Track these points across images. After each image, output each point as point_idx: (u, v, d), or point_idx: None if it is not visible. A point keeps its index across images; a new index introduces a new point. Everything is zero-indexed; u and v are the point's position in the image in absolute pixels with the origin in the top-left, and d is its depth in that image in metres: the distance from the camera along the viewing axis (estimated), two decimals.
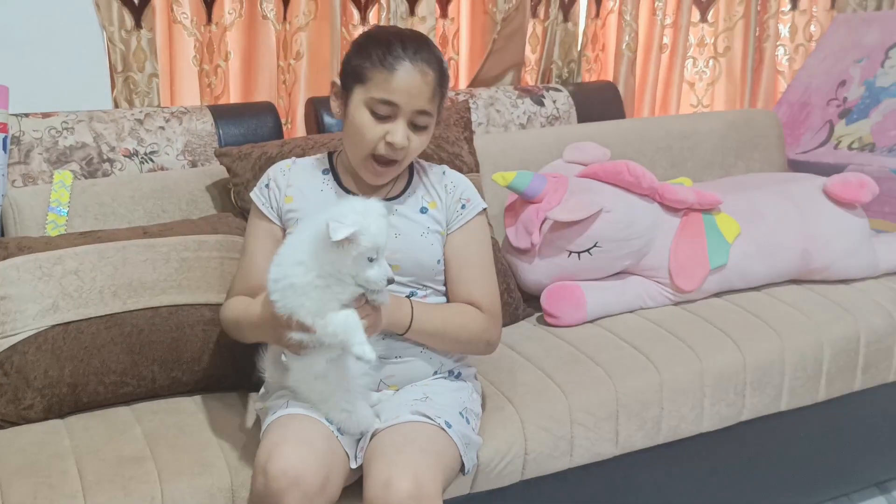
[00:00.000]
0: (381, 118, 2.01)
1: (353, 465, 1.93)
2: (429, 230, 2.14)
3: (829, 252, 2.91)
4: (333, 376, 1.90)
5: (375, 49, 2.01)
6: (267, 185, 2.19)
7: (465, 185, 2.22)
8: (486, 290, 2.17)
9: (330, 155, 2.24)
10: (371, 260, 1.81)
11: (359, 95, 2.03)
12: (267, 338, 2.00)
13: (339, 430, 1.93)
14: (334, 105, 2.13)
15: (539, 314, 2.78)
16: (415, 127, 2.04)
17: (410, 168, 2.20)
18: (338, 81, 2.11)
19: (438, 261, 2.15)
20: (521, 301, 2.81)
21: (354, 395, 1.93)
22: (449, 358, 2.17)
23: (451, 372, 2.17)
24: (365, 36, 2.11)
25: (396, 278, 2.01)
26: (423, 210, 2.16)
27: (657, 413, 2.44)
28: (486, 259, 2.21)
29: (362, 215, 1.80)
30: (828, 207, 2.95)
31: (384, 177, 2.10)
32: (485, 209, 2.23)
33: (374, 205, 1.85)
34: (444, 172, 2.23)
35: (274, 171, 2.21)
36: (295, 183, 2.17)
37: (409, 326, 2.04)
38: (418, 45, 2.02)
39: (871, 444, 2.91)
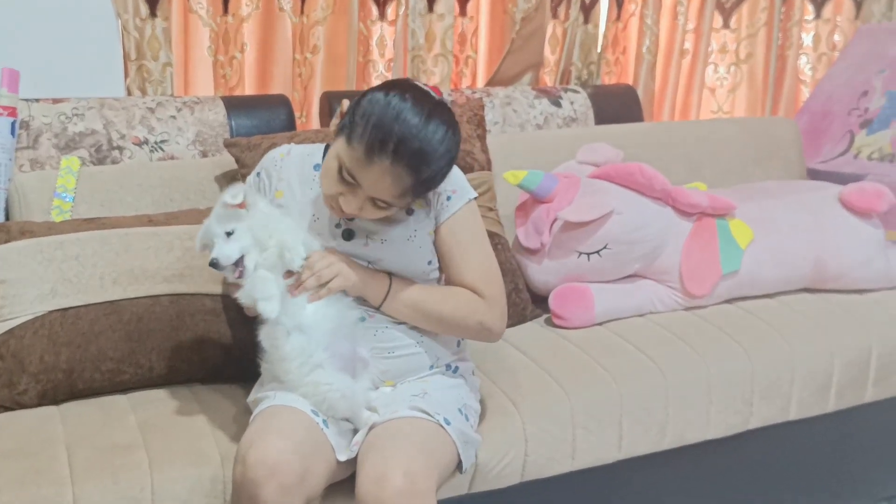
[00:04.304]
0: (344, 179, 1.91)
1: (342, 458, 1.90)
2: (416, 232, 2.07)
3: (843, 261, 2.86)
4: (296, 342, 1.92)
5: (375, 121, 1.84)
6: (258, 174, 2.15)
7: (452, 176, 2.08)
8: (479, 273, 2.09)
9: (326, 148, 2.14)
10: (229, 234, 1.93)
11: (338, 147, 1.92)
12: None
13: (325, 422, 1.90)
14: (333, 123, 2.07)
15: (547, 315, 2.75)
16: (375, 203, 1.92)
17: None
18: (346, 105, 2.03)
19: (429, 262, 2.10)
20: (530, 302, 2.78)
21: (329, 368, 1.93)
22: (445, 352, 2.13)
23: (448, 366, 2.13)
24: (388, 88, 1.90)
25: None
26: (409, 211, 2.08)
27: (662, 418, 2.40)
28: (479, 244, 2.13)
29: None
30: (843, 216, 2.91)
31: (340, 216, 2.02)
32: (474, 198, 2.13)
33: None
34: None
35: (268, 161, 2.15)
36: (286, 177, 2.11)
37: (386, 294, 2.01)
38: (416, 141, 1.84)
39: (880, 458, 2.86)
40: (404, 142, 1.83)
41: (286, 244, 1.93)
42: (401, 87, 1.91)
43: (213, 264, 1.90)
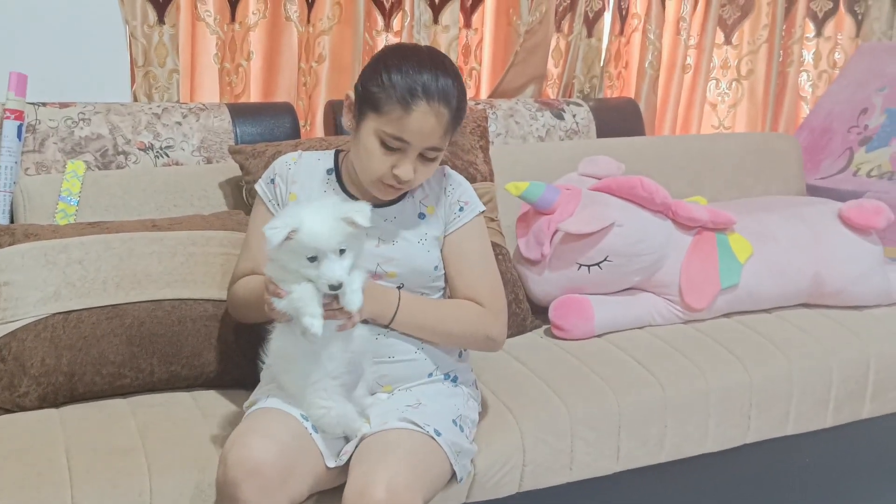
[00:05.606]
0: (390, 150, 1.97)
1: (330, 465, 1.90)
2: (426, 236, 2.11)
3: (841, 276, 2.87)
4: (308, 364, 1.88)
5: (395, 80, 1.94)
6: (272, 181, 2.16)
7: (465, 187, 2.19)
8: (484, 286, 2.14)
9: (336, 154, 2.20)
10: (313, 259, 1.80)
11: (371, 123, 1.97)
12: (259, 309, 1.94)
13: (314, 428, 1.90)
14: (346, 118, 2.08)
15: (547, 326, 2.76)
16: (424, 158, 2.00)
17: None
18: (352, 95, 2.05)
19: (436, 267, 2.12)
20: (530, 312, 2.79)
21: (331, 393, 1.90)
22: (446, 360, 2.13)
23: (447, 375, 2.13)
24: (385, 58, 2.01)
25: (392, 285, 2.05)
26: (421, 216, 2.13)
27: (660, 430, 2.41)
28: (485, 257, 2.18)
29: (298, 217, 1.79)
30: (842, 232, 2.93)
31: (392, 196, 2.07)
32: (482, 212, 2.19)
33: (328, 208, 1.83)
34: (444, 174, 2.19)
35: (279, 166, 2.17)
36: (299, 180, 2.14)
37: (394, 316, 2.02)
38: (438, 80, 1.95)
39: (877, 475, 2.87)
40: (429, 82, 1.95)
41: (350, 285, 1.84)
42: (389, 48, 2.09)
43: (336, 288, 1.80)
